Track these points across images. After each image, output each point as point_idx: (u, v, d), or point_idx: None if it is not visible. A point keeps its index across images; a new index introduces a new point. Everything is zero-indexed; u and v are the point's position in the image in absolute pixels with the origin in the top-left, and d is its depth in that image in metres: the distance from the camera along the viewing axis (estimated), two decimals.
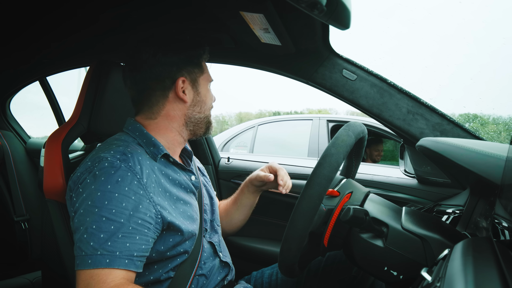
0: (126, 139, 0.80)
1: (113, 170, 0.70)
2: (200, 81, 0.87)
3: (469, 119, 2.61)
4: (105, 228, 0.65)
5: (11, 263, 1.65)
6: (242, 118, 19.74)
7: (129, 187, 0.69)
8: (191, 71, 0.85)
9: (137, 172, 0.72)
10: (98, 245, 0.64)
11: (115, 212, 0.67)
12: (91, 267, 0.63)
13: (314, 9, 0.54)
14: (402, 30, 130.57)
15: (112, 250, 0.65)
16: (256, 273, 1.07)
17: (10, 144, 1.72)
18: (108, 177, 0.69)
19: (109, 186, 0.68)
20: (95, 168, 0.71)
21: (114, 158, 0.72)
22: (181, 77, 0.83)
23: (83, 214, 0.68)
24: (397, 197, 1.31)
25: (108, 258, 0.64)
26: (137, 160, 0.74)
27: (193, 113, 0.86)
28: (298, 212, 0.63)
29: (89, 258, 0.64)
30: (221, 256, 0.92)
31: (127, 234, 0.67)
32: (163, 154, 0.81)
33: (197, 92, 0.86)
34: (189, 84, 0.85)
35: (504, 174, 0.58)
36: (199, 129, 0.89)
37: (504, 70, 20.71)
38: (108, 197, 0.67)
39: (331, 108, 12.80)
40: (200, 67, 0.87)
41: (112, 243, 0.65)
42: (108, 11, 0.97)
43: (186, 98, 0.84)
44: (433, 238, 0.66)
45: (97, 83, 0.97)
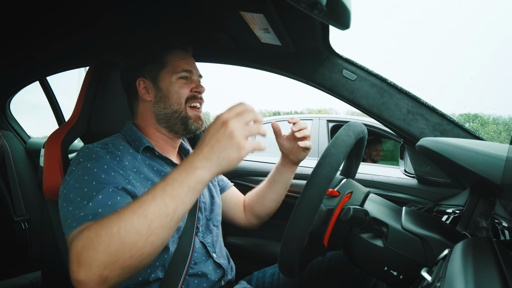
0: (115, 137, 0.86)
1: (94, 154, 0.75)
2: (161, 76, 0.88)
3: (469, 119, 2.61)
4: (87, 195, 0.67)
5: (11, 263, 1.65)
6: None
7: (108, 165, 0.73)
8: (150, 69, 0.89)
9: (117, 155, 0.77)
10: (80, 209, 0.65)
11: (95, 184, 0.69)
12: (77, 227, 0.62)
13: (314, 9, 0.54)
14: (402, 30, 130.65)
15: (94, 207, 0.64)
16: (257, 273, 1.07)
17: (10, 144, 1.72)
18: (88, 159, 0.74)
19: (88, 164, 0.72)
20: (79, 156, 0.76)
21: (95, 146, 0.78)
22: (140, 77, 0.89)
23: (67, 193, 0.69)
24: (397, 197, 1.31)
25: (91, 215, 0.63)
26: (117, 148, 0.80)
27: (158, 109, 0.88)
28: (298, 212, 0.63)
29: (74, 222, 0.64)
30: (214, 257, 0.90)
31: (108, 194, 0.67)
32: (146, 147, 0.85)
33: (158, 88, 0.88)
34: (150, 82, 0.89)
35: (504, 174, 0.58)
36: (173, 125, 0.89)
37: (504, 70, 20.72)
38: (87, 173, 0.71)
39: (331, 108, 12.82)
40: (161, 62, 0.88)
41: (93, 203, 0.65)
42: (108, 11, 0.97)
43: (147, 97, 0.89)
44: (433, 238, 0.66)
45: (97, 83, 0.97)
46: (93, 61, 1.00)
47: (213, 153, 0.58)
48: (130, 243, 0.55)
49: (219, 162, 0.58)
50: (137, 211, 0.56)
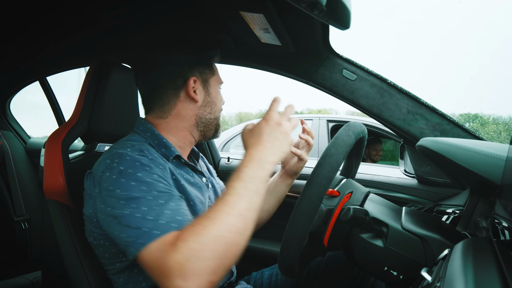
0: (139, 140, 0.80)
1: (137, 162, 0.70)
2: (211, 82, 0.87)
3: (469, 119, 2.61)
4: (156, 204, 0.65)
5: (11, 263, 1.65)
6: (242, 118, 19.76)
7: (158, 174, 0.70)
8: (202, 72, 0.85)
9: (160, 162, 0.74)
10: (159, 216, 0.63)
11: (157, 193, 0.67)
12: (162, 235, 0.61)
13: (314, 9, 0.54)
14: (402, 30, 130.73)
15: (173, 216, 0.64)
16: (255, 273, 1.07)
17: (10, 144, 1.72)
18: (135, 168, 0.69)
19: (139, 174, 0.68)
20: (118, 164, 0.70)
21: (133, 153, 0.72)
22: (193, 76, 0.83)
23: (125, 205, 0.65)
24: (397, 197, 1.31)
25: (174, 223, 0.63)
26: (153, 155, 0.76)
27: (203, 113, 0.86)
28: (298, 212, 0.63)
29: (155, 230, 0.62)
30: None
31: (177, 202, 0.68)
32: (175, 156, 0.81)
33: (208, 92, 0.86)
34: (200, 84, 0.85)
35: (504, 174, 0.58)
36: (209, 130, 0.89)
37: (504, 70, 20.72)
38: (143, 183, 0.67)
39: (331, 108, 12.81)
40: (211, 68, 0.88)
41: (171, 212, 0.65)
42: (108, 11, 0.97)
43: (197, 98, 0.84)
44: (433, 238, 0.66)
45: (97, 83, 0.97)
46: (93, 61, 1.00)
47: (275, 148, 0.71)
48: (234, 243, 0.60)
49: (279, 155, 0.72)
50: (232, 212, 0.61)
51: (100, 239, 0.75)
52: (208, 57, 0.86)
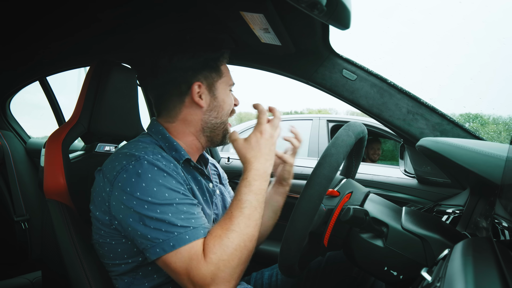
0: (150, 142, 0.81)
1: (155, 166, 0.71)
2: (217, 85, 0.85)
3: (469, 119, 2.61)
4: (181, 211, 0.69)
5: (11, 263, 1.65)
6: (242, 118, 19.71)
7: (176, 180, 0.73)
8: (207, 76, 0.83)
9: (173, 168, 0.75)
10: (187, 223, 0.68)
11: (179, 200, 0.70)
12: (191, 241, 0.67)
13: (314, 9, 0.54)
14: (402, 30, 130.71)
15: (199, 223, 0.70)
16: (255, 274, 1.07)
17: (10, 144, 1.72)
18: (153, 173, 0.70)
19: (160, 180, 0.70)
20: (134, 166, 0.71)
21: (149, 156, 0.73)
22: (197, 81, 0.82)
23: (149, 209, 0.68)
24: (397, 197, 1.31)
25: (201, 229, 0.69)
26: (167, 159, 0.76)
27: (209, 118, 0.85)
28: (298, 212, 0.63)
29: (185, 235, 0.67)
30: None
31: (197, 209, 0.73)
32: (185, 159, 0.81)
33: (214, 96, 0.84)
34: (206, 88, 0.83)
35: (504, 174, 0.58)
36: (216, 136, 0.87)
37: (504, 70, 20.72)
38: (165, 189, 0.70)
39: (331, 108, 12.78)
40: (218, 71, 0.85)
41: (195, 219, 0.70)
42: (108, 12, 0.97)
43: (202, 103, 0.83)
44: (433, 238, 0.66)
45: (97, 83, 0.97)
46: (93, 61, 1.00)
47: (271, 158, 0.80)
48: (252, 248, 0.72)
49: (272, 159, 0.81)
50: (250, 223, 0.72)
51: (106, 237, 0.75)
52: (213, 60, 0.84)
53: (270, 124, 0.82)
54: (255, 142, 0.79)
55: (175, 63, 0.81)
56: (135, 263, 0.75)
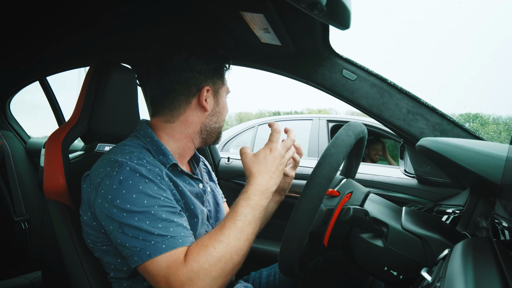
0: (137, 145, 0.80)
1: (137, 173, 0.71)
2: (221, 92, 0.89)
3: (469, 119, 2.61)
4: (159, 219, 0.68)
5: (11, 263, 1.65)
6: (242, 118, 19.74)
7: (157, 186, 0.72)
8: (215, 82, 0.86)
9: (157, 173, 0.74)
10: (164, 231, 0.67)
11: (157, 207, 0.69)
12: (168, 250, 0.66)
13: (314, 9, 0.54)
14: (402, 30, 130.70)
15: (178, 232, 0.69)
16: (254, 273, 1.07)
17: (10, 144, 1.72)
18: (134, 180, 0.70)
19: (140, 187, 0.70)
20: (118, 173, 0.71)
21: (132, 162, 0.73)
22: (207, 86, 0.84)
23: (128, 217, 0.67)
24: (397, 197, 1.31)
25: (180, 238, 0.68)
26: (152, 163, 0.76)
27: (210, 122, 0.87)
28: (298, 212, 0.63)
29: (162, 244, 0.66)
30: None
31: (179, 218, 0.71)
32: (172, 164, 0.81)
33: (217, 102, 0.87)
34: (212, 93, 0.86)
35: (504, 174, 0.58)
36: (210, 138, 0.90)
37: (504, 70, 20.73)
38: (144, 196, 0.69)
39: (331, 108, 12.80)
40: (223, 79, 0.89)
41: (174, 228, 0.69)
42: (109, 11, 0.97)
43: (207, 107, 0.85)
44: (433, 238, 0.66)
45: (97, 83, 0.97)
46: (93, 61, 1.00)
47: (276, 176, 0.79)
48: (239, 262, 0.69)
49: (279, 181, 0.80)
50: (241, 237, 0.70)
51: (97, 242, 0.76)
52: (222, 68, 0.88)
53: (282, 144, 0.82)
54: (263, 158, 0.79)
55: (190, 64, 0.81)
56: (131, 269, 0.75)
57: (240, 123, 3.94)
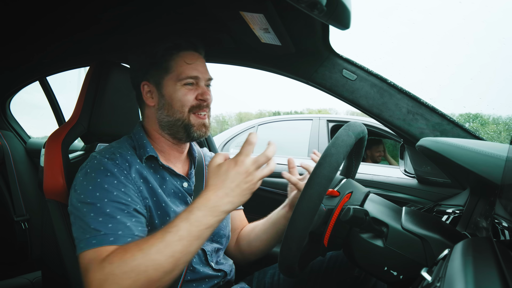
0: (123, 142, 0.85)
1: (102, 166, 0.74)
2: (164, 83, 0.83)
3: (469, 119, 2.61)
4: (102, 213, 0.68)
5: (11, 263, 1.65)
6: (242, 118, 19.73)
7: (118, 180, 0.73)
8: (155, 74, 0.84)
9: (124, 168, 0.76)
10: (100, 226, 0.67)
11: (107, 200, 0.69)
12: (97, 246, 0.65)
13: (314, 9, 0.54)
14: (402, 30, 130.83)
15: (114, 229, 0.67)
16: (258, 273, 1.07)
17: (10, 144, 1.72)
18: (97, 172, 0.73)
19: (98, 179, 0.72)
20: (87, 166, 0.76)
21: (103, 157, 0.77)
22: (144, 81, 0.86)
23: (79, 207, 0.70)
24: (397, 197, 1.31)
25: (112, 236, 0.66)
26: (125, 159, 0.78)
27: (161, 116, 0.85)
28: (298, 212, 0.63)
29: (93, 239, 0.66)
30: (213, 266, 0.89)
31: (124, 216, 0.69)
32: (149, 156, 0.82)
33: (161, 94, 0.84)
34: (154, 87, 0.85)
35: (504, 174, 0.58)
36: (177, 133, 0.85)
37: (504, 70, 20.74)
38: (99, 188, 0.71)
39: (331, 108, 12.80)
40: (165, 68, 0.83)
41: (113, 225, 0.67)
42: (108, 12, 0.97)
43: (150, 102, 0.86)
44: (433, 238, 0.66)
45: (97, 83, 0.97)
46: (93, 61, 1.00)
47: (236, 195, 0.66)
48: (156, 279, 0.61)
49: (239, 201, 0.68)
50: (164, 252, 0.61)
51: None
52: (159, 56, 0.82)
53: (253, 159, 0.68)
54: (224, 170, 0.67)
55: (131, 66, 0.90)
56: None
57: (240, 123, 3.94)
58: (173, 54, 0.83)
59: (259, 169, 0.68)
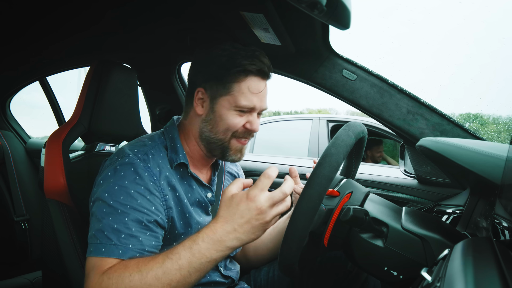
0: (156, 141, 0.82)
1: (132, 167, 0.72)
2: (219, 100, 0.79)
3: (469, 119, 2.61)
4: (120, 221, 0.67)
5: (11, 263, 1.65)
6: None
7: (145, 187, 0.71)
8: (213, 86, 0.80)
9: (155, 173, 0.74)
10: (113, 236, 0.66)
11: (129, 207, 0.69)
12: (104, 255, 0.65)
13: (314, 9, 0.54)
14: (402, 30, 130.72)
15: (125, 242, 0.66)
16: (254, 271, 1.08)
17: (10, 144, 1.72)
18: (126, 173, 0.71)
19: (126, 182, 0.70)
20: (117, 162, 0.73)
21: (135, 156, 0.74)
22: (200, 88, 0.82)
23: (101, 205, 0.69)
24: (397, 197, 1.31)
25: (121, 249, 0.65)
26: (157, 163, 0.76)
27: (204, 128, 0.82)
28: (298, 212, 0.63)
29: (103, 247, 0.65)
30: (222, 270, 0.90)
31: (139, 229, 0.68)
32: (180, 163, 0.80)
33: (212, 109, 0.80)
34: (208, 98, 0.81)
35: (504, 174, 0.58)
36: (213, 149, 0.83)
37: (504, 70, 20.75)
38: (124, 192, 0.69)
39: (331, 108, 12.76)
40: (226, 87, 0.79)
41: (125, 236, 0.66)
42: (109, 12, 0.98)
43: (199, 110, 0.82)
44: (433, 238, 0.66)
45: (98, 83, 0.97)
46: (93, 61, 1.00)
47: (244, 232, 0.62)
48: None
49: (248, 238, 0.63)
50: (162, 279, 0.59)
51: None
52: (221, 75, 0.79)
53: (268, 196, 0.62)
54: (235, 203, 0.62)
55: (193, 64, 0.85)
56: None
57: None
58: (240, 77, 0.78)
59: (274, 207, 0.62)
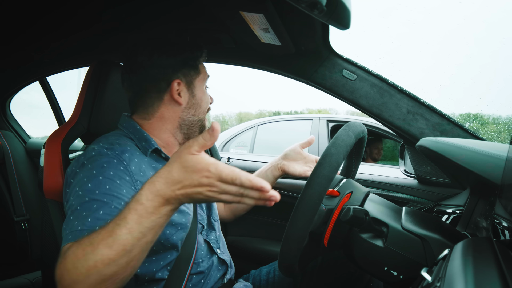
0: (119, 135, 0.82)
1: (99, 157, 0.72)
2: (195, 83, 0.86)
3: (469, 119, 2.61)
4: (88, 207, 0.65)
5: (11, 263, 1.65)
6: (242, 118, 19.69)
7: (114, 172, 0.70)
8: (187, 73, 0.85)
9: (124, 159, 0.74)
10: (79, 221, 0.64)
11: (98, 193, 0.67)
12: (71, 241, 0.61)
13: (314, 9, 0.54)
14: (402, 30, 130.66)
15: (92, 225, 0.63)
16: (254, 271, 1.07)
17: (10, 144, 1.72)
18: (94, 164, 0.71)
19: (94, 171, 0.70)
20: (83, 158, 0.74)
21: (101, 148, 0.74)
22: (177, 79, 0.83)
23: (72, 200, 0.68)
24: (397, 197, 1.31)
25: (87, 232, 0.61)
26: (125, 150, 0.76)
27: (187, 115, 0.86)
28: (298, 212, 0.63)
29: (69, 234, 0.63)
30: (219, 253, 0.91)
31: (109, 212, 0.65)
32: (154, 149, 0.81)
33: (193, 94, 0.86)
34: (185, 86, 0.85)
35: (504, 174, 0.58)
36: (193, 132, 0.88)
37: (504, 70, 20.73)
38: (93, 181, 0.68)
39: (331, 108, 12.76)
40: (197, 69, 0.87)
41: (92, 219, 0.64)
42: (108, 11, 0.97)
43: (181, 101, 0.84)
44: (433, 238, 0.66)
45: (97, 83, 0.97)
46: (93, 61, 1.00)
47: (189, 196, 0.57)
48: (109, 274, 0.55)
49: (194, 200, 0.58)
50: (114, 246, 0.54)
51: None
52: (193, 58, 0.85)
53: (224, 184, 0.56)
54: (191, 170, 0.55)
55: (154, 60, 0.81)
56: None
57: (240, 123, 3.94)
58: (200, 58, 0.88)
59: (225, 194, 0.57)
